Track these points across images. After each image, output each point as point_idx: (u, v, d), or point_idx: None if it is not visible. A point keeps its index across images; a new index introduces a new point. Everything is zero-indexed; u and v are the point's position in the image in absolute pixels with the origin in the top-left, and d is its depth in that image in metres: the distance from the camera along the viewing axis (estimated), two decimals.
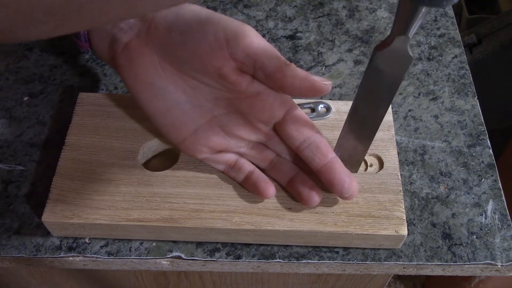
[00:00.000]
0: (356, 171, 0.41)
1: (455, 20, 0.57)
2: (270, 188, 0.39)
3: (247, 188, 0.40)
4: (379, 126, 0.37)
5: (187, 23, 0.34)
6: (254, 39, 0.34)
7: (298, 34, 0.55)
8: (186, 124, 0.39)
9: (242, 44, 0.34)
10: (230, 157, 0.41)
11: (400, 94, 0.50)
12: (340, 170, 0.37)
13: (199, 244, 0.41)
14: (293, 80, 0.35)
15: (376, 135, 0.43)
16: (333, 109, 0.45)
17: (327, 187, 0.38)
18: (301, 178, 0.39)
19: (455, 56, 0.54)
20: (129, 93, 0.39)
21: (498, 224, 0.42)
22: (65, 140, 0.43)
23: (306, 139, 0.38)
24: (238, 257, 0.40)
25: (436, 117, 0.49)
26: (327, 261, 0.40)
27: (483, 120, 0.48)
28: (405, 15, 0.29)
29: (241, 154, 0.41)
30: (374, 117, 0.37)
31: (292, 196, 0.40)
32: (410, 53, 0.31)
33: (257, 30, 0.41)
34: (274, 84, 0.36)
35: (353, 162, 0.40)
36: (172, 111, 0.38)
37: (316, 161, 0.37)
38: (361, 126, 0.38)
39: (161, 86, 0.37)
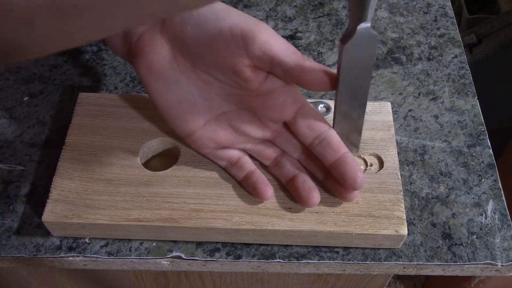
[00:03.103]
0: (357, 152, 0.42)
1: (455, 20, 0.57)
2: (269, 191, 0.39)
3: (246, 188, 0.40)
4: (366, 103, 0.38)
5: (202, 17, 0.34)
6: (271, 36, 0.34)
7: (298, 34, 0.55)
8: (195, 118, 0.39)
9: (259, 41, 0.34)
10: (234, 153, 0.41)
11: (400, 94, 0.50)
12: (352, 164, 0.37)
13: (199, 244, 0.41)
14: (312, 75, 0.35)
15: (376, 135, 0.43)
16: (333, 109, 0.45)
17: (339, 182, 0.38)
18: (302, 178, 0.39)
19: (455, 56, 0.54)
20: (141, 83, 0.38)
21: (498, 224, 0.42)
22: (65, 140, 0.43)
23: (318, 135, 0.38)
24: (238, 257, 0.40)
25: (436, 117, 0.49)
26: (327, 261, 0.40)
27: (483, 120, 0.48)
28: (359, 2, 0.30)
29: (246, 151, 0.41)
30: (359, 97, 0.37)
31: (292, 196, 0.40)
32: (374, 33, 0.32)
33: None
34: (292, 80, 0.36)
35: (352, 144, 0.41)
36: (182, 104, 0.38)
37: (328, 157, 0.38)
38: (350, 109, 0.38)
39: (174, 79, 0.37)
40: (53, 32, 0.20)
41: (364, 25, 0.31)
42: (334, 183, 0.39)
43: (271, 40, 0.34)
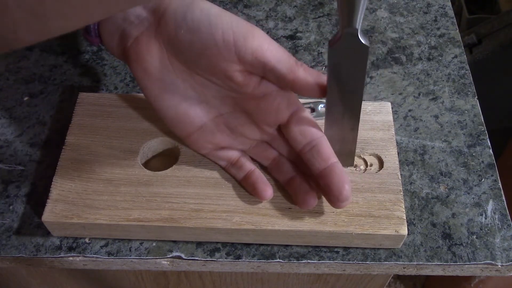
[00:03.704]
0: (352, 164, 0.41)
1: (455, 20, 0.57)
2: (268, 190, 0.39)
3: (246, 188, 0.40)
4: (359, 115, 0.37)
5: (196, 21, 0.34)
6: (263, 42, 0.34)
7: (298, 34, 0.55)
8: (193, 120, 0.39)
9: (251, 46, 0.34)
10: (233, 154, 0.41)
11: (400, 94, 0.50)
12: (339, 175, 0.36)
13: (199, 244, 0.41)
14: (305, 81, 0.34)
15: (376, 135, 0.43)
16: None
17: (325, 192, 0.37)
18: (299, 180, 0.39)
19: (455, 56, 0.54)
20: (139, 86, 0.38)
21: (498, 224, 0.42)
22: (65, 140, 0.43)
23: (309, 142, 0.38)
24: (238, 257, 0.40)
25: (436, 117, 0.49)
26: (327, 261, 0.40)
27: (483, 120, 0.48)
28: (345, 7, 0.30)
29: (244, 152, 0.41)
30: (351, 107, 0.37)
31: None
32: (364, 42, 0.31)
33: None
34: (285, 85, 0.35)
35: (345, 154, 0.40)
36: (179, 106, 0.38)
37: (316, 166, 0.37)
38: (341, 117, 0.37)
39: (170, 81, 0.37)
40: (30, 19, 0.20)
41: (352, 31, 0.31)
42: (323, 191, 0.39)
43: (264, 46, 0.34)
